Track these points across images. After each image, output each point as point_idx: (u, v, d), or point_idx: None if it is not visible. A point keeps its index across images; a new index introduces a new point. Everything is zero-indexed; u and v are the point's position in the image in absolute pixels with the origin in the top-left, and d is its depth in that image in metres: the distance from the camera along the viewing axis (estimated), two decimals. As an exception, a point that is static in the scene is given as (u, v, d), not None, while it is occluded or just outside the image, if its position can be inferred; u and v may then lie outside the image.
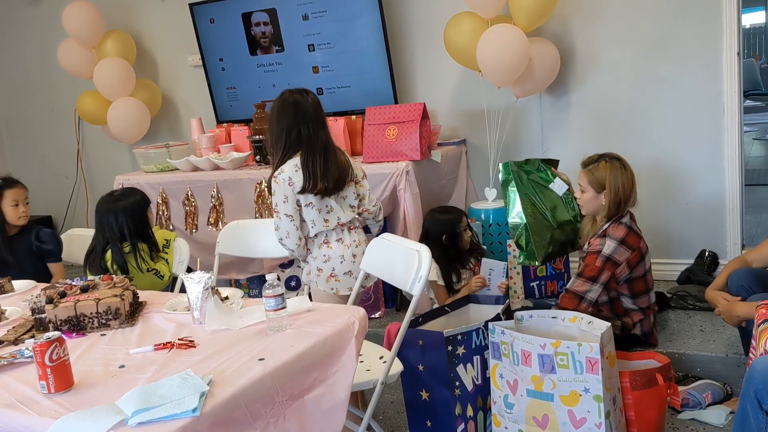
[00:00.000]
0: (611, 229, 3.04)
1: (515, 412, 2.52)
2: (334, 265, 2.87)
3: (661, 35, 3.89)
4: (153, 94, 5.25)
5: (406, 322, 2.31)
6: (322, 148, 2.79)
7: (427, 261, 2.28)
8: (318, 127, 2.81)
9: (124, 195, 3.13)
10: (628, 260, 3.01)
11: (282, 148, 2.82)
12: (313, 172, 2.75)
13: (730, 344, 3.14)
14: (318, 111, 2.84)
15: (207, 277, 2.14)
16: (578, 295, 2.99)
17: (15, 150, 6.26)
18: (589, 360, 2.33)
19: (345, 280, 2.88)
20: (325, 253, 2.88)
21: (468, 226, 3.54)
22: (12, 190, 3.52)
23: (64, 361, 1.72)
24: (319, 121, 2.83)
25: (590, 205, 3.10)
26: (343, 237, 2.89)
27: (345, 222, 2.87)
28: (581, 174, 3.12)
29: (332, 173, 2.79)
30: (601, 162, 3.08)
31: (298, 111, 2.80)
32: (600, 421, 2.35)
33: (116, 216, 2.99)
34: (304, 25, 4.56)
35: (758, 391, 2.02)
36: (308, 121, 2.79)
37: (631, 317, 3.12)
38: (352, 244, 2.88)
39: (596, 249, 3.02)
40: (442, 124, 4.45)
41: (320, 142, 2.80)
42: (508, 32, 3.74)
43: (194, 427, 1.53)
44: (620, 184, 3.04)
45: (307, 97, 2.84)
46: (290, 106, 2.81)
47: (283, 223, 2.82)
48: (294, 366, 1.83)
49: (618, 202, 3.04)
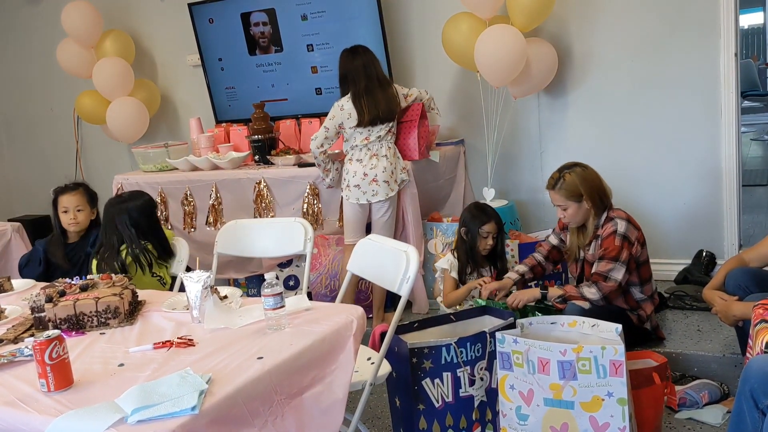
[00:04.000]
0: (612, 213, 3.10)
1: (530, 424, 2.47)
2: (349, 178, 3.75)
3: (659, 36, 3.90)
4: (152, 93, 5.26)
5: (393, 324, 2.29)
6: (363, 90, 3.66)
7: (414, 262, 2.26)
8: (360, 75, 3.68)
9: (133, 196, 3.14)
10: (638, 239, 3.07)
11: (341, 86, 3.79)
12: (359, 108, 3.66)
13: (727, 344, 3.15)
14: (364, 61, 3.71)
15: (206, 276, 2.15)
16: (602, 275, 3.01)
17: (14, 149, 6.26)
18: (613, 363, 2.32)
19: (354, 191, 3.73)
20: (347, 168, 3.78)
21: (496, 237, 3.46)
22: (64, 196, 3.44)
23: (63, 359, 1.73)
24: (363, 69, 3.69)
25: (578, 216, 3.13)
26: (363, 158, 3.71)
27: (372, 140, 3.71)
28: (554, 196, 3.14)
29: (377, 106, 3.66)
30: (565, 175, 3.11)
31: (347, 62, 3.73)
32: (624, 425, 2.33)
33: (129, 215, 3.01)
34: (303, 26, 4.57)
35: (754, 390, 2.03)
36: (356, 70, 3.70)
37: (644, 309, 3.16)
38: (368, 164, 3.69)
39: (610, 231, 3.04)
40: (441, 124, 4.45)
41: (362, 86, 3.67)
42: (505, 32, 3.75)
43: (193, 425, 1.54)
44: (591, 183, 3.10)
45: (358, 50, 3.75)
46: (343, 58, 3.76)
47: (320, 131, 3.75)
48: (292, 364, 1.84)
49: (599, 198, 3.10)
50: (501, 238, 3.51)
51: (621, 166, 4.09)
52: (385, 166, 3.71)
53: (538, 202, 4.36)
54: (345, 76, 3.74)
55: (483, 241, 3.44)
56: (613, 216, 3.09)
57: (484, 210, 3.50)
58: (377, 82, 3.69)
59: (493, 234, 3.45)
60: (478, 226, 3.44)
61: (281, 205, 4.14)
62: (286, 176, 4.09)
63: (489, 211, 3.50)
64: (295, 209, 4.08)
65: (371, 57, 3.73)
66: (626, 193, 4.08)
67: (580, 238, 3.20)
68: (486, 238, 3.44)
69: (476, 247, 3.45)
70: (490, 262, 3.53)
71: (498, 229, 3.47)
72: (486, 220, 3.44)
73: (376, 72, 3.71)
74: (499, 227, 3.48)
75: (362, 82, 3.66)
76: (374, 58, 3.75)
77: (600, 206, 3.10)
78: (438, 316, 2.93)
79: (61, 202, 3.41)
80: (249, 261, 4.15)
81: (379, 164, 3.71)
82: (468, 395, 2.66)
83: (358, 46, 3.77)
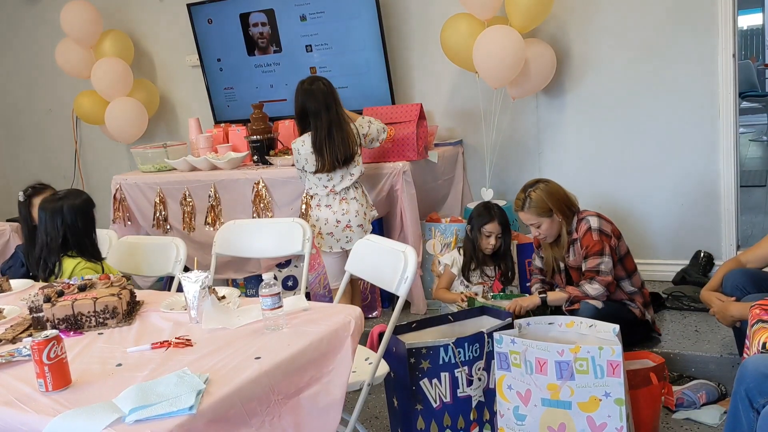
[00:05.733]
0: (581, 215, 3.19)
1: (528, 424, 2.48)
2: (320, 225, 3.58)
3: (657, 36, 3.91)
4: (151, 94, 5.26)
5: (391, 325, 2.29)
6: (326, 130, 3.42)
7: (413, 262, 2.26)
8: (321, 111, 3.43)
9: (70, 195, 2.98)
10: (612, 231, 3.16)
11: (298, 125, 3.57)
12: (318, 154, 3.44)
13: (724, 344, 3.15)
14: (326, 98, 3.44)
15: (204, 277, 2.15)
16: (594, 270, 3.09)
17: (13, 149, 6.26)
18: (610, 363, 2.33)
19: (327, 239, 3.59)
20: (317, 214, 3.60)
21: (499, 238, 3.47)
22: (38, 197, 3.45)
23: (61, 359, 1.73)
24: (325, 109, 3.43)
25: (552, 230, 3.19)
26: (332, 204, 3.55)
27: (339, 191, 3.54)
28: (525, 216, 3.19)
29: (335, 153, 3.42)
30: (530, 194, 3.16)
31: (306, 98, 3.46)
32: (621, 425, 2.34)
33: (62, 217, 2.85)
34: (302, 26, 4.57)
35: (749, 390, 2.03)
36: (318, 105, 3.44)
37: (637, 300, 3.21)
38: (338, 210, 3.53)
39: (585, 229, 3.13)
40: (439, 125, 4.46)
41: (324, 124, 3.42)
42: (504, 33, 3.75)
43: (190, 425, 1.54)
44: (557, 195, 3.17)
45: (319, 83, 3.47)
46: (300, 94, 3.48)
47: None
48: (290, 365, 1.84)
49: (567, 208, 3.18)
50: (506, 239, 3.53)
51: (619, 167, 4.10)
52: (356, 209, 3.56)
53: (537, 203, 4.37)
54: (304, 113, 3.47)
55: (485, 240, 3.47)
56: (583, 216, 3.17)
57: (489, 210, 3.52)
58: (337, 123, 3.44)
59: (496, 234, 3.46)
60: (480, 225, 3.47)
61: (280, 205, 4.14)
62: (285, 177, 4.08)
63: (494, 211, 3.51)
64: (293, 210, 4.08)
65: (333, 90, 3.48)
66: (624, 193, 4.11)
67: (555, 250, 3.26)
68: (489, 237, 3.46)
69: (477, 244, 3.48)
70: (494, 261, 3.54)
71: (502, 229, 3.49)
72: (488, 219, 3.46)
73: (337, 110, 3.46)
74: (503, 228, 3.49)
75: (324, 122, 3.41)
76: (335, 90, 3.50)
77: (569, 215, 3.19)
78: (436, 317, 2.93)
79: (35, 203, 3.42)
80: (247, 261, 4.15)
81: (351, 208, 3.55)
82: (466, 395, 2.66)
83: (318, 78, 3.52)
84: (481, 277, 3.53)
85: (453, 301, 3.45)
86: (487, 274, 3.54)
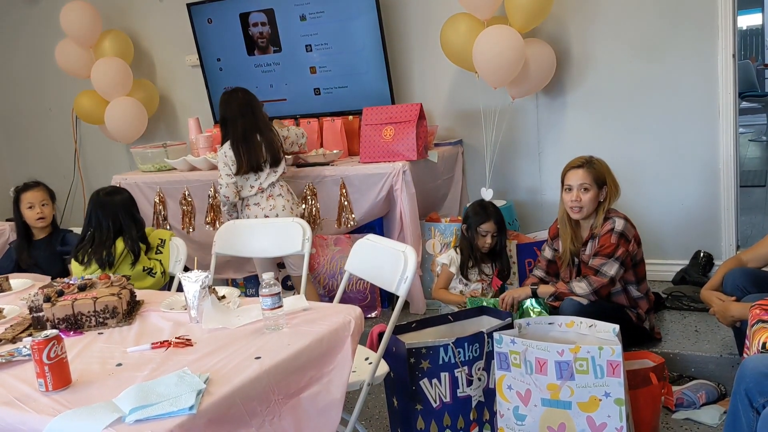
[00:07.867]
0: (610, 213, 3.13)
1: (528, 424, 2.48)
2: None
3: (657, 36, 3.91)
4: (150, 93, 5.26)
5: (391, 325, 2.29)
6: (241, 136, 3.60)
7: (412, 262, 2.26)
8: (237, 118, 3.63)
9: (117, 191, 3.14)
10: (634, 237, 3.10)
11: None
12: (237, 155, 3.61)
13: (724, 344, 3.15)
14: (241, 104, 3.64)
15: (204, 276, 2.15)
16: (594, 269, 3.05)
17: (12, 149, 6.26)
18: (610, 363, 2.32)
19: None
20: (247, 213, 3.72)
21: (495, 237, 3.49)
22: (28, 193, 3.46)
23: (61, 359, 1.73)
24: (240, 115, 3.63)
25: (592, 204, 3.11)
26: (260, 201, 3.70)
27: (265, 188, 3.68)
28: (582, 174, 3.08)
29: (253, 155, 3.59)
30: (594, 160, 3.15)
31: (225, 106, 3.68)
32: (621, 425, 2.34)
33: (124, 208, 3.03)
34: (302, 26, 4.57)
35: (749, 390, 2.03)
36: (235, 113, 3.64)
37: (641, 307, 3.18)
38: (266, 206, 3.68)
39: (607, 229, 3.07)
40: (439, 125, 4.46)
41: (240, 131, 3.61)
42: (504, 33, 3.75)
43: (191, 425, 1.54)
44: (613, 177, 3.16)
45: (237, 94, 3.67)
46: (222, 101, 3.71)
47: (223, 181, 3.69)
48: (290, 364, 1.84)
49: (615, 192, 3.14)
50: (501, 238, 3.53)
51: (619, 167, 4.06)
52: (283, 204, 3.71)
53: (537, 203, 4.37)
54: (224, 120, 3.70)
55: (481, 239, 3.49)
56: (611, 215, 3.12)
57: (485, 208, 3.53)
58: (255, 128, 3.63)
59: (492, 233, 3.48)
60: (476, 224, 3.48)
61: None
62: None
63: (490, 210, 3.52)
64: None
65: (250, 99, 3.68)
66: (624, 193, 4.08)
67: (573, 243, 3.21)
68: (485, 236, 3.48)
69: (474, 243, 3.49)
70: (491, 259, 3.55)
71: (498, 228, 3.49)
72: (484, 219, 3.47)
73: (255, 116, 3.65)
74: (499, 227, 3.50)
75: (239, 128, 3.61)
76: (254, 100, 3.70)
77: (611, 199, 3.12)
78: (436, 317, 2.93)
79: (25, 198, 3.45)
80: (247, 261, 4.15)
81: (278, 204, 3.70)
82: (466, 395, 2.66)
83: (238, 89, 3.73)
84: (480, 275, 3.54)
85: (454, 303, 3.46)
86: (485, 272, 3.55)
